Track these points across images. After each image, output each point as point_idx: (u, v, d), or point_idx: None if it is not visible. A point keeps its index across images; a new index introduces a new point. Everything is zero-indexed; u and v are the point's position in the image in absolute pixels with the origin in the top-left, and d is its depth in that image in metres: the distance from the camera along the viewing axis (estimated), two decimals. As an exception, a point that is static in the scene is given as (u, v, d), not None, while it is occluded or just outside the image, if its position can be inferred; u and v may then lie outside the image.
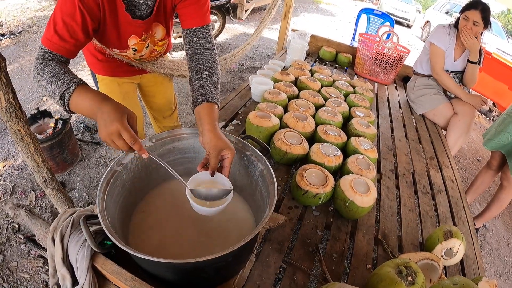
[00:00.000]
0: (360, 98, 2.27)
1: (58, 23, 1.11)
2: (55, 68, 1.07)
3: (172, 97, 2.09)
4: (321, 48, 3.55)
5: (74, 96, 1.00)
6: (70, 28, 1.12)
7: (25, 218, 1.99)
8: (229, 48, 6.15)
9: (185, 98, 4.14)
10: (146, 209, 1.16)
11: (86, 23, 1.17)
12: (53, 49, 1.11)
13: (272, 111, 1.79)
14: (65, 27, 1.11)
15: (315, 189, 1.33)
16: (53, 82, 1.03)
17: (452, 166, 2.20)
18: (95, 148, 3.07)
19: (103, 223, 0.82)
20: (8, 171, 2.71)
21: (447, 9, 12.46)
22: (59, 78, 1.03)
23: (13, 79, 4.21)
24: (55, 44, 1.11)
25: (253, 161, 1.12)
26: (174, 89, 2.13)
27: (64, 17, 1.11)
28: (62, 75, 1.04)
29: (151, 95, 2.01)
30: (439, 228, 1.36)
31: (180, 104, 4.02)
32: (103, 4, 1.21)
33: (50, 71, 1.06)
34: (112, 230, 0.82)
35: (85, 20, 1.15)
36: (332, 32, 9.59)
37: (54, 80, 1.03)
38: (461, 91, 2.72)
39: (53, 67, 1.07)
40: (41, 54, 1.11)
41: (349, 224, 1.41)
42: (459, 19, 2.68)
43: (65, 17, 1.11)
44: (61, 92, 1.00)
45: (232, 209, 1.21)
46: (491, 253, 2.90)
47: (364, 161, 1.56)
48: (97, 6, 1.20)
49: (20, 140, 1.54)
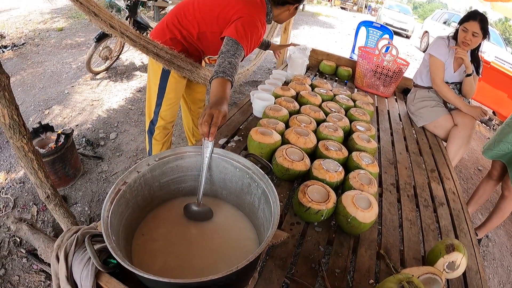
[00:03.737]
0: (361, 112, 2.29)
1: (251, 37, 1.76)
2: (238, 63, 1.61)
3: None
4: (321, 62, 3.58)
5: (221, 80, 1.47)
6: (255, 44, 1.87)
7: (27, 232, 2.00)
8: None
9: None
10: (150, 226, 1.17)
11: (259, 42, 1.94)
12: (245, 50, 1.73)
13: (273, 127, 1.81)
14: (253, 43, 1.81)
15: (317, 205, 1.34)
16: (229, 66, 1.54)
17: (453, 178, 2.21)
18: (97, 163, 3.08)
19: (108, 243, 0.83)
20: (10, 184, 2.72)
21: (445, 19, 12.56)
22: (233, 68, 1.55)
23: (15, 91, 4.24)
24: (247, 47, 1.75)
25: (255, 179, 1.13)
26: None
27: (255, 35, 1.81)
28: (236, 69, 1.58)
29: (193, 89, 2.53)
30: (440, 242, 1.36)
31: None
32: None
33: (236, 62, 1.59)
34: (117, 249, 0.83)
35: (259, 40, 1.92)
36: (331, 45, 9.64)
37: (231, 66, 1.55)
38: (461, 102, 2.75)
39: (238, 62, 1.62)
40: (239, 48, 1.67)
41: (351, 239, 1.42)
42: (458, 31, 2.71)
43: (255, 37, 1.81)
44: (223, 72, 1.49)
45: (235, 227, 1.22)
46: (494, 263, 2.89)
47: (365, 176, 1.58)
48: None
49: (24, 157, 1.55)
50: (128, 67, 5.31)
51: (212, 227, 1.19)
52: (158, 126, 2.36)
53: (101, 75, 4.90)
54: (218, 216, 1.25)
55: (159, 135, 2.42)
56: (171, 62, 2.03)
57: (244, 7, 1.84)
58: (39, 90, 4.37)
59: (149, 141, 2.47)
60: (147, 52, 1.95)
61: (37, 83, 4.56)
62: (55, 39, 6.24)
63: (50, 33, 6.53)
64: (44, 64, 5.15)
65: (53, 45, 5.95)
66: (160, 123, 2.35)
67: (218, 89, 1.42)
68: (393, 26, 15.44)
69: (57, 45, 5.96)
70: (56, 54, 5.58)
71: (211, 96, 1.40)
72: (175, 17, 2.04)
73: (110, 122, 3.72)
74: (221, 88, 1.42)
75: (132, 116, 3.89)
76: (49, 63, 5.20)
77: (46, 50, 5.72)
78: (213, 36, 1.97)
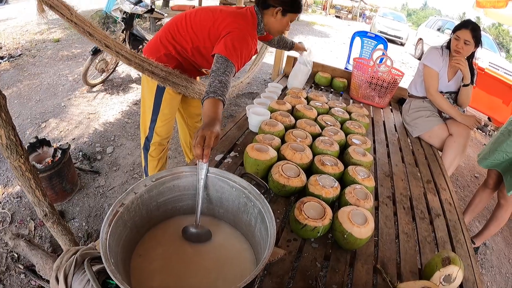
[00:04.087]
0: (356, 125, 2.31)
1: (242, 52, 1.78)
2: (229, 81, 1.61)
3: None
4: (317, 74, 3.61)
5: (213, 100, 1.47)
6: (246, 59, 1.88)
7: (25, 248, 2.00)
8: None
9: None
10: (148, 246, 1.17)
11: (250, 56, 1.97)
12: (236, 66, 1.73)
13: (269, 143, 1.82)
14: (244, 58, 1.82)
15: (313, 222, 1.35)
16: (220, 84, 1.54)
17: (449, 188, 2.22)
18: (93, 177, 3.09)
19: (107, 266, 0.84)
20: (7, 199, 2.72)
21: (438, 25, 12.66)
22: (224, 87, 1.55)
23: (12, 103, 4.25)
24: (238, 63, 1.75)
25: (251, 199, 1.14)
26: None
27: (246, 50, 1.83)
28: (227, 88, 1.58)
29: (189, 103, 2.58)
30: (437, 255, 1.37)
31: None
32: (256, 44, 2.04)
33: (226, 80, 1.59)
34: (116, 272, 0.84)
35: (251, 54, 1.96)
36: (327, 54, 9.70)
37: (222, 85, 1.55)
38: (455, 111, 2.77)
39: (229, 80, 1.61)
40: (229, 65, 1.67)
41: (348, 255, 1.43)
42: (451, 40, 2.74)
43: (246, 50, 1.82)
44: (214, 92, 1.49)
45: (233, 246, 1.23)
46: (492, 270, 2.90)
47: (361, 191, 1.58)
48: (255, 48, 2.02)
49: (21, 176, 1.56)
50: (124, 79, 5.32)
51: (209, 246, 1.20)
52: (153, 142, 2.37)
53: (98, 88, 4.91)
54: (215, 235, 1.25)
55: (154, 151, 2.42)
56: (166, 79, 2.05)
57: (233, 21, 1.87)
58: (35, 102, 4.37)
59: (144, 157, 2.47)
60: (142, 70, 1.97)
61: (34, 95, 4.57)
62: (52, 50, 6.26)
63: (46, 44, 6.55)
64: (41, 76, 5.17)
65: (50, 57, 5.97)
66: (155, 139, 2.36)
67: (209, 110, 1.43)
68: (387, 34, 15.57)
69: (53, 57, 5.98)
70: (52, 65, 5.59)
71: (203, 117, 1.42)
72: (168, 33, 2.07)
73: (107, 135, 3.73)
74: (212, 109, 1.43)
75: (129, 130, 3.90)
76: (46, 75, 5.21)
77: (43, 61, 5.74)
78: (206, 51, 2.01)
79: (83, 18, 1.70)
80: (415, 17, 59.24)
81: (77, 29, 1.66)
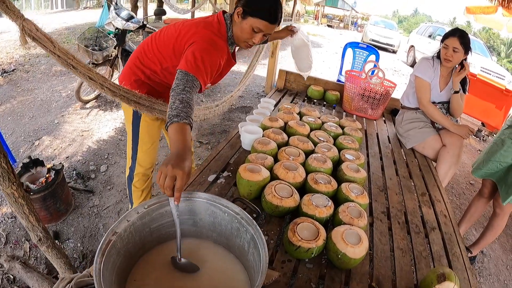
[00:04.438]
0: (349, 140, 2.31)
1: (206, 65, 1.60)
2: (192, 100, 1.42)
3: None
4: (309, 87, 3.62)
5: (179, 125, 1.27)
6: (212, 72, 1.66)
7: (20, 271, 1.99)
8: (219, 87, 6.26)
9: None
10: (142, 272, 1.17)
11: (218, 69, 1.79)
12: (200, 80, 1.54)
13: (262, 163, 1.81)
14: (210, 70, 1.63)
15: (307, 244, 1.35)
16: (182, 105, 1.35)
17: (444, 200, 2.22)
18: (88, 197, 3.07)
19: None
20: (2, 219, 2.71)
21: (429, 32, 12.79)
22: (187, 107, 1.35)
23: (5, 120, 4.25)
24: (202, 77, 1.56)
25: (244, 224, 1.14)
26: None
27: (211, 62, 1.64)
28: (191, 108, 1.38)
29: None
30: (432, 271, 1.37)
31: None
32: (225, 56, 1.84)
33: (189, 98, 1.40)
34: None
35: (219, 68, 1.79)
36: (319, 64, 9.75)
37: (184, 105, 1.35)
38: (448, 122, 2.79)
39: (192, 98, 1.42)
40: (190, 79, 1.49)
41: (343, 274, 1.42)
42: (441, 50, 2.77)
43: (212, 63, 1.65)
44: (178, 115, 1.30)
45: (226, 269, 1.22)
46: (490, 278, 2.90)
47: (355, 209, 1.58)
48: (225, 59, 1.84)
49: (14, 202, 1.56)
50: (117, 95, 5.31)
51: (204, 269, 1.19)
52: (137, 173, 2.33)
53: (91, 104, 4.91)
54: (209, 259, 1.24)
55: (138, 182, 2.37)
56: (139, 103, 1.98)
57: (196, 32, 1.72)
58: (29, 119, 4.37)
59: (128, 187, 2.43)
60: (128, 101, 1.92)
61: (27, 112, 4.57)
62: (45, 65, 6.28)
63: (40, 58, 6.56)
64: (34, 92, 5.18)
65: (43, 72, 5.98)
66: (138, 169, 2.30)
67: (176, 138, 1.23)
68: (379, 42, 15.73)
69: (47, 72, 5.99)
70: (46, 81, 5.61)
71: (170, 147, 1.27)
72: (136, 58, 2.01)
73: (101, 153, 3.72)
74: (179, 136, 1.24)
75: (122, 147, 3.89)
76: (39, 91, 5.22)
77: (36, 77, 5.75)
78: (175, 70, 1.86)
79: (66, 50, 1.66)
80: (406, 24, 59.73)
81: (60, 62, 1.63)
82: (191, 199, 1.23)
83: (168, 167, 1.06)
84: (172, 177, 1.05)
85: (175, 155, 1.14)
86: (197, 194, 1.22)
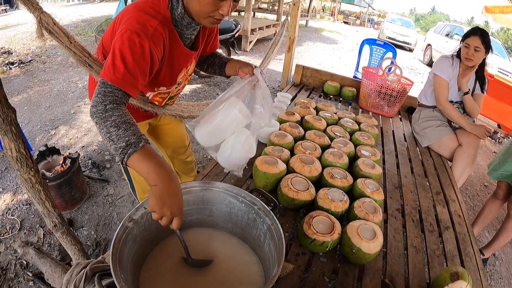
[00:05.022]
0: (366, 136, 2.30)
1: (128, 62, 1.14)
2: (126, 115, 1.10)
3: (185, 133, 2.19)
4: (326, 83, 3.61)
5: (140, 153, 1.02)
6: (140, 67, 1.18)
7: (34, 256, 2.01)
8: (234, 81, 6.16)
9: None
10: (157, 260, 1.18)
11: (153, 63, 1.25)
12: (124, 87, 1.14)
13: (278, 155, 1.82)
14: (136, 66, 1.16)
15: (322, 237, 1.35)
16: (122, 128, 1.05)
17: (458, 199, 2.20)
18: (103, 186, 3.10)
19: (117, 282, 0.84)
20: (16, 206, 2.75)
21: (447, 31, 12.60)
22: (129, 127, 1.06)
23: (22, 110, 4.30)
24: (127, 82, 1.14)
25: (261, 215, 1.15)
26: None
27: (134, 56, 1.15)
28: (133, 125, 1.08)
29: (164, 134, 2.09)
30: (445, 270, 1.37)
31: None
32: (167, 43, 1.30)
33: (121, 116, 1.08)
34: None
35: (153, 60, 1.23)
36: (335, 61, 9.70)
37: (124, 127, 1.05)
38: (465, 121, 2.76)
39: (124, 113, 1.10)
40: (110, 91, 1.12)
41: (356, 269, 1.42)
42: (461, 48, 2.74)
43: (136, 56, 1.16)
44: (128, 142, 1.02)
45: (241, 260, 1.23)
46: (501, 282, 2.87)
47: (370, 205, 1.58)
48: (163, 46, 1.29)
49: (31, 188, 1.58)
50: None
51: (219, 259, 1.20)
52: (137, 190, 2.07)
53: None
54: (223, 249, 1.26)
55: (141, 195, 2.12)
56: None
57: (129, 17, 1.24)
58: (45, 109, 4.42)
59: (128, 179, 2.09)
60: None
61: (44, 102, 4.62)
62: (62, 56, 6.34)
63: (56, 50, 6.63)
64: (51, 83, 5.22)
65: (60, 63, 6.03)
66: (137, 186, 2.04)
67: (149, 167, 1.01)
68: (396, 40, 15.56)
69: (63, 63, 6.04)
70: (62, 72, 5.65)
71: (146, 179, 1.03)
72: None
73: (116, 143, 3.74)
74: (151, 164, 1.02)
75: (138, 138, 3.90)
76: (56, 82, 5.27)
77: (53, 68, 5.80)
78: None
79: (82, 47, 1.61)
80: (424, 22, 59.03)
81: (76, 59, 1.59)
82: (209, 188, 1.24)
83: (164, 209, 0.97)
84: (170, 219, 0.99)
85: (164, 189, 0.99)
86: (214, 184, 1.23)
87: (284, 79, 4.00)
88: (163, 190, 0.98)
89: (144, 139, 1.05)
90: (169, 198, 0.98)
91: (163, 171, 1.01)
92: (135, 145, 1.02)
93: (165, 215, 0.97)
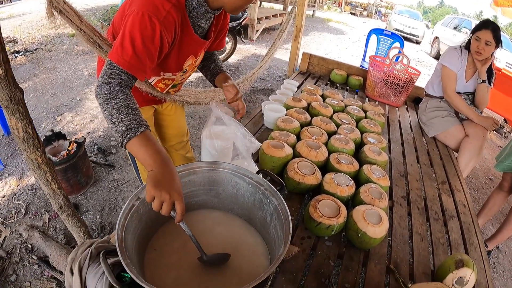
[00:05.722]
0: (372, 124, 2.30)
1: (137, 45, 1.12)
2: (130, 98, 1.11)
3: (185, 127, 2.14)
4: (332, 71, 3.59)
5: (139, 138, 1.03)
6: (149, 51, 1.15)
7: (39, 240, 2.03)
8: (241, 69, 6.22)
9: (198, 121, 4.17)
10: (162, 241, 1.18)
11: (163, 48, 1.22)
12: (131, 70, 1.13)
13: (285, 140, 1.82)
14: (145, 49, 1.14)
15: (328, 220, 1.35)
16: (124, 112, 1.05)
17: (464, 189, 2.20)
18: (108, 171, 3.11)
19: (123, 259, 0.85)
20: (22, 190, 2.77)
21: (455, 24, 12.47)
22: (131, 112, 1.07)
23: (28, 97, 4.30)
24: (134, 66, 1.13)
25: (267, 195, 1.14)
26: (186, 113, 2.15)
27: (144, 39, 1.13)
28: (136, 110, 1.09)
29: (164, 125, 2.03)
30: (450, 257, 1.37)
31: (193, 127, 4.02)
32: (178, 28, 1.26)
33: (124, 99, 1.08)
34: (131, 265, 0.84)
35: (162, 44, 1.20)
36: (342, 51, 9.64)
37: (126, 111, 1.06)
38: (472, 113, 2.74)
39: (128, 97, 1.11)
40: (116, 73, 1.11)
41: (361, 254, 1.43)
42: (470, 40, 2.71)
43: (145, 40, 1.13)
44: (129, 126, 1.03)
45: (246, 242, 1.23)
46: (504, 275, 2.86)
47: (376, 190, 1.58)
48: (174, 30, 1.25)
49: (37, 169, 1.58)
50: (139, 73, 5.34)
51: (224, 242, 1.20)
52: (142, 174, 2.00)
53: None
54: (230, 231, 1.26)
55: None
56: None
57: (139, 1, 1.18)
58: (51, 96, 4.42)
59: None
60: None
61: (49, 89, 4.62)
62: (67, 45, 6.33)
63: (62, 38, 6.62)
64: (56, 70, 5.22)
65: (65, 51, 6.02)
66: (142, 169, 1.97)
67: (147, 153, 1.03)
68: (403, 32, 15.40)
69: (69, 51, 6.03)
70: (68, 60, 5.65)
71: (143, 164, 1.05)
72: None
73: (122, 129, 3.74)
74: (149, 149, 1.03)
75: (144, 123, 3.91)
76: (61, 69, 5.26)
77: (58, 56, 5.80)
78: None
79: (93, 27, 1.57)
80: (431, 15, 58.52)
81: (86, 39, 1.55)
82: (215, 169, 1.23)
83: (162, 193, 0.94)
84: (170, 204, 0.95)
85: (160, 174, 0.99)
86: (222, 164, 1.22)
87: (290, 68, 3.98)
88: (158, 175, 0.98)
89: (144, 124, 1.06)
90: (166, 182, 0.97)
91: (159, 157, 1.02)
92: (135, 130, 1.03)
93: (164, 199, 0.94)
